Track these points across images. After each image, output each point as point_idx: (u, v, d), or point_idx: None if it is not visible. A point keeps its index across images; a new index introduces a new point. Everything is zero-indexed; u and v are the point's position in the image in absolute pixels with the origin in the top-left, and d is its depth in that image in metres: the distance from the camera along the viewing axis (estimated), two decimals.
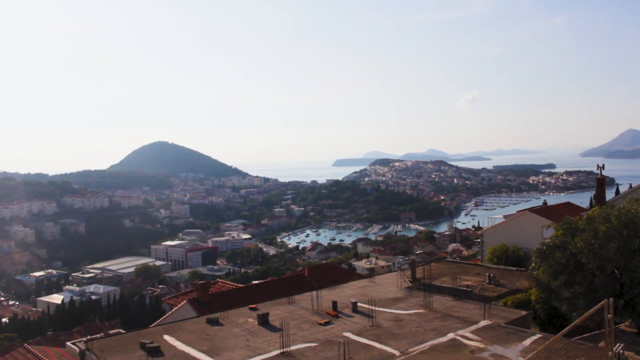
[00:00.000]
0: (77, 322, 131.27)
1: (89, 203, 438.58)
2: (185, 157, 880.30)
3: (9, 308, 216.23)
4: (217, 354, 19.63)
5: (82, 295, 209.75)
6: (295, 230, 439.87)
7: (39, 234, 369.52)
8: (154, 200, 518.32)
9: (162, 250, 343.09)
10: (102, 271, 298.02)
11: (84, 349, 20.69)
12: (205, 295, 32.69)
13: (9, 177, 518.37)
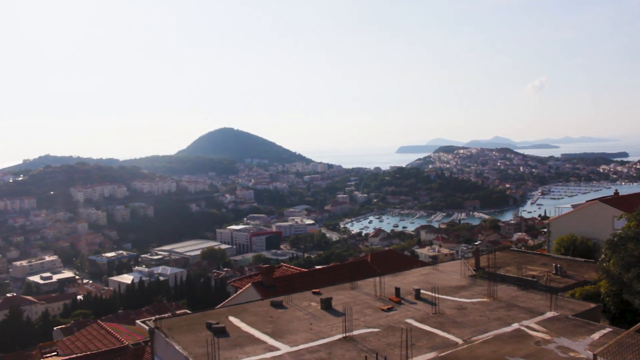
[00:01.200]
0: (145, 302, 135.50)
1: (157, 187, 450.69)
2: (250, 143, 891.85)
3: (83, 286, 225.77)
4: (280, 337, 19.98)
5: (150, 276, 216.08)
6: (358, 217, 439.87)
7: (110, 216, 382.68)
8: (220, 185, 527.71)
9: (227, 234, 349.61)
10: (169, 253, 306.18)
11: (153, 327, 21.42)
12: (269, 278, 33.23)
13: (83, 162, 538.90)
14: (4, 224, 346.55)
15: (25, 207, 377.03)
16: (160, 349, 20.77)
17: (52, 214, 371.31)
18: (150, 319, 23.48)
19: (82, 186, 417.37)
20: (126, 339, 38.56)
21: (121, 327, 49.99)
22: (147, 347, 32.28)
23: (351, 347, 18.68)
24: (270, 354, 18.32)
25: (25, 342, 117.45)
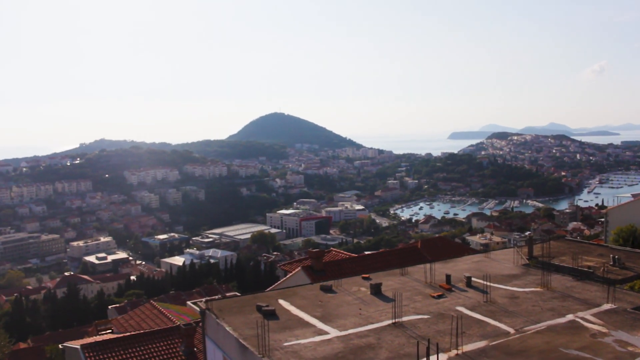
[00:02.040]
0: (196, 283, 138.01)
1: (208, 171, 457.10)
2: (301, 128, 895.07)
3: (136, 267, 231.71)
4: (329, 321, 20.00)
5: (201, 259, 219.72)
6: (408, 203, 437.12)
7: (163, 199, 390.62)
8: (270, 170, 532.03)
9: (277, 219, 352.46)
10: (220, 236, 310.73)
11: (204, 309, 21.72)
12: (319, 263, 33.30)
13: (137, 145, 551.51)
14: (61, 206, 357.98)
15: (82, 189, 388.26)
16: (211, 329, 21.07)
17: (107, 196, 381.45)
18: (201, 300, 23.81)
19: (136, 169, 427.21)
20: (177, 319, 39.34)
21: (172, 307, 51.07)
22: (198, 327, 32.85)
23: (400, 333, 18.56)
24: (319, 337, 18.36)
25: (82, 319, 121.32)
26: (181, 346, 32.19)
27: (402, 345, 17.49)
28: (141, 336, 33.29)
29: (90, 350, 31.22)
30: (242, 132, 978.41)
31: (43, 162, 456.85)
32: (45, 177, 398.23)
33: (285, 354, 16.92)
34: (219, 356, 20.28)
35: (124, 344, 32.09)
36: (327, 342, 17.99)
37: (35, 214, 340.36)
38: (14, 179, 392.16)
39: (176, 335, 33.16)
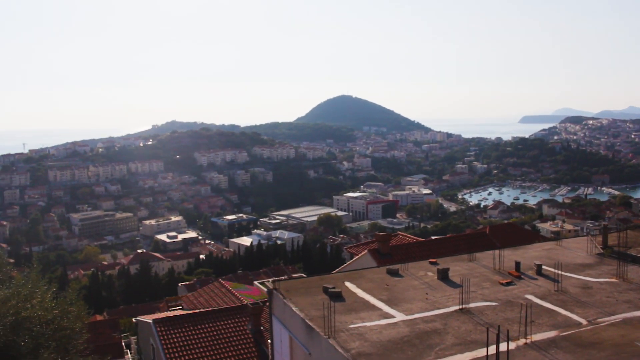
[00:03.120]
0: (263, 264, 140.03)
1: (276, 153, 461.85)
2: (368, 111, 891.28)
3: (205, 246, 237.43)
4: (395, 304, 19.91)
5: (268, 239, 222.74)
6: (477, 188, 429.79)
7: (232, 180, 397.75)
8: (337, 153, 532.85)
9: (343, 201, 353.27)
10: (287, 218, 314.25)
11: (271, 288, 22.01)
12: (385, 246, 33.21)
13: (207, 127, 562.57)
14: (134, 185, 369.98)
15: (154, 169, 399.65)
16: (278, 309, 21.35)
17: (178, 177, 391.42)
18: (268, 280, 24.09)
19: (206, 151, 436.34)
20: (245, 298, 40.09)
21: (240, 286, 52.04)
22: (265, 307, 33.38)
23: (467, 320, 18.30)
24: (385, 320, 18.32)
25: (153, 295, 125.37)
26: (248, 325, 32.82)
27: (469, 332, 17.26)
28: (210, 313, 34.14)
29: (161, 325, 32.26)
30: (310, 114, 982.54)
31: (118, 143, 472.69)
32: (120, 158, 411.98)
33: (351, 336, 16.99)
34: (285, 336, 20.55)
35: (193, 320, 33.00)
36: (392, 325, 17.94)
37: (110, 193, 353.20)
38: (91, 159, 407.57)
39: (244, 313, 33.82)
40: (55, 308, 15.62)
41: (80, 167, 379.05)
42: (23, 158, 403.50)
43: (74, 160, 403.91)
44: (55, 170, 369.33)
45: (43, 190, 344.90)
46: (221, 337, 32.00)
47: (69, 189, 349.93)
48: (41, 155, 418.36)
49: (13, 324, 13.89)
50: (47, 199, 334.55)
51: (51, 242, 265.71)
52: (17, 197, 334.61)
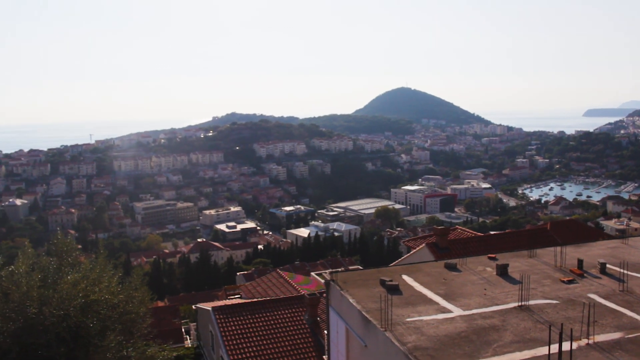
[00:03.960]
0: (320, 255, 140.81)
1: (334, 145, 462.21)
2: (427, 104, 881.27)
3: (263, 237, 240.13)
4: (453, 299, 19.72)
5: (325, 231, 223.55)
6: (538, 183, 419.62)
7: (290, 172, 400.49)
8: (396, 145, 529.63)
9: (401, 194, 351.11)
10: (344, 210, 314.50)
11: (329, 280, 22.12)
12: (444, 240, 32.89)
13: (266, 119, 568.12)
14: (195, 176, 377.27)
15: (214, 160, 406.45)
16: (335, 300, 21.45)
17: (237, 167, 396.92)
18: (325, 271, 24.19)
19: (265, 142, 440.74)
20: (302, 288, 40.44)
21: (297, 277, 52.50)
22: (322, 298, 33.62)
23: (527, 317, 17.97)
24: (442, 315, 18.18)
25: (212, 283, 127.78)
26: (305, 315, 33.12)
27: (528, 330, 16.96)
28: (268, 303, 34.62)
29: (220, 313, 32.93)
30: (368, 106, 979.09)
31: (179, 135, 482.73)
32: (181, 149, 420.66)
33: (407, 330, 16.93)
34: (342, 327, 20.63)
35: (251, 309, 33.55)
36: (450, 320, 17.79)
37: (172, 183, 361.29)
38: (154, 150, 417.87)
39: (301, 304, 34.14)
40: (121, 293, 16.22)
41: (143, 158, 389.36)
42: (90, 148, 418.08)
43: (138, 150, 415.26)
44: (120, 160, 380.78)
45: (108, 179, 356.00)
46: (278, 327, 32.43)
47: (132, 178, 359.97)
48: (107, 146, 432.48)
49: (82, 306, 14.52)
50: (112, 188, 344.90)
51: (115, 230, 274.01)
52: (84, 186, 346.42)
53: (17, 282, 14.54)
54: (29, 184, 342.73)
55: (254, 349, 30.82)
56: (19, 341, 13.72)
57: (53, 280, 15.63)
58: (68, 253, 16.91)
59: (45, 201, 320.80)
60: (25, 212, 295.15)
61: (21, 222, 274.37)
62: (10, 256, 17.09)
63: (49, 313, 14.05)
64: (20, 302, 14.11)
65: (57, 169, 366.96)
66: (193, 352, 41.40)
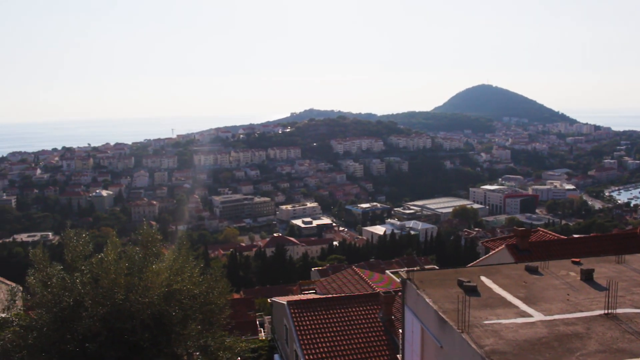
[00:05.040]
0: (395, 253, 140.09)
1: (412, 143, 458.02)
2: (509, 101, 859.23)
3: (339, 233, 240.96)
4: (533, 303, 19.15)
5: (401, 229, 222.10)
6: (627, 185, 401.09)
7: (367, 169, 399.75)
8: (475, 144, 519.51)
9: (480, 194, 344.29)
10: (421, 208, 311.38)
11: (405, 278, 21.94)
12: (524, 242, 31.99)
13: (343, 116, 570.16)
14: (273, 171, 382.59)
15: (292, 156, 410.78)
16: (411, 300, 21.27)
17: (315, 164, 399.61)
18: (400, 270, 24.04)
19: (342, 139, 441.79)
20: (377, 286, 40.33)
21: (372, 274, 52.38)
22: (397, 296, 33.41)
23: (614, 326, 17.20)
24: (522, 319, 17.69)
25: (287, 278, 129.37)
26: (379, 313, 33.01)
27: (615, 339, 16.23)
28: (342, 299, 34.72)
29: (295, 307, 33.27)
30: (448, 104, 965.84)
31: (258, 130, 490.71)
32: (259, 144, 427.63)
33: (485, 332, 16.58)
34: (417, 327, 20.44)
35: (326, 305, 33.72)
36: (530, 325, 17.29)
37: (249, 178, 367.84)
38: (233, 145, 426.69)
39: (375, 301, 34.05)
40: (202, 283, 16.69)
41: (222, 152, 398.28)
42: (172, 143, 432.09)
43: (217, 145, 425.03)
44: (200, 154, 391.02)
45: (188, 173, 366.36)
46: (352, 323, 32.46)
47: (211, 172, 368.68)
48: (187, 140, 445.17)
49: (166, 295, 15.05)
50: (192, 182, 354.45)
51: (194, 222, 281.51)
52: (165, 179, 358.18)
53: (106, 269, 15.22)
54: (115, 176, 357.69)
55: (328, 344, 30.97)
56: (107, 325, 14.36)
57: (138, 269, 16.28)
58: (153, 243, 17.56)
59: (129, 193, 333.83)
60: (111, 202, 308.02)
61: (106, 213, 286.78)
62: (97, 245, 17.89)
63: (135, 300, 14.64)
64: (108, 289, 14.78)
65: (140, 162, 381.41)
66: (267, 345, 42.03)
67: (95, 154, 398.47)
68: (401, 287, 22.66)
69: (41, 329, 14.80)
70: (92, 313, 14.47)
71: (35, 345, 14.55)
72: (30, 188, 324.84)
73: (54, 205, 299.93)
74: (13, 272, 65.62)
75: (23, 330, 15.14)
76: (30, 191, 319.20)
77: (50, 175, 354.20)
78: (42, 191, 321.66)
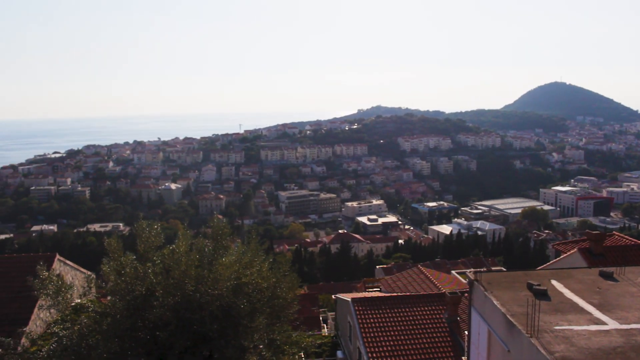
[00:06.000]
0: (462, 254, 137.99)
1: (481, 141, 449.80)
2: (583, 99, 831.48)
3: (404, 231, 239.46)
4: (608, 310, 18.48)
5: (468, 229, 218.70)
6: None
7: (434, 167, 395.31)
8: (547, 143, 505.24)
9: (551, 195, 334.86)
10: (489, 209, 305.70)
11: (472, 279, 21.59)
12: (598, 246, 30.93)
13: (411, 113, 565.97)
14: (339, 168, 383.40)
15: (358, 153, 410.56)
16: (478, 301, 20.92)
17: (381, 161, 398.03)
18: (466, 270, 23.68)
19: (409, 136, 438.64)
20: (443, 286, 39.85)
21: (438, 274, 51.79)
22: (464, 297, 32.93)
23: None
24: (595, 326, 17.10)
25: (351, 275, 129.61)
26: (445, 313, 32.63)
27: None
28: (407, 298, 34.49)
29: (359, 304, 33.27)
30: (518, 102, 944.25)
31: (324, 126, 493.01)
32: (326, 140, 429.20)
33: (555, 338, 16.12)
34: (484, 329, 20.10)
35: (390, 303, 33.58)
36: (604, 332, 16.69)
37: (315, 174, 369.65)
38: (299, 141, 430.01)
39: (441, 302, 33.67)
40: (271, 277, 16.94)
41: (289, 148, 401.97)
42: (239, 138, 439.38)
43: (284, 141, 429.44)
44: (267, 150, 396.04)
45: (255, 168, 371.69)
46: (417, 323, 32.21)
47: (278, 168, 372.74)
48: (255, 135, 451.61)
49: (234, 287, 15.35)
50: (259, 177, 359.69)
51: (260, 217, 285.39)
52: (232, 174, 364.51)
53: (177, 260, 15.64)
54: (183, 170, 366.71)
55: (391, 343, 30.85)
56: (177, 315, 14.77)
57: (208, 261, 16.66)
58: (223, 236, 17.94)
59: (196, 186, 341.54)
60: (179, 196, 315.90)
61: (175, 205, 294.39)
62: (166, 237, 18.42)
63: (204, 291, 14.98)
64: (179, 279, 15.17)
65: (208, 156, 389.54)
66: (330, 341, 42.19)
67: (165, 148, 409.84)
68: (468, 288, 22.33)
69: (115, 316, 15.34)
70: (163, 302, 14.90)
71: (109, 330, 15.10)
72: (103, 180, 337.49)
73: (125, 197, 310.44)
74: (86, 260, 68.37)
75: (98, 316, 15.74)
76: (103, 183, 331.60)
77: (122, 168, 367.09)
78: (114, 183, 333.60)
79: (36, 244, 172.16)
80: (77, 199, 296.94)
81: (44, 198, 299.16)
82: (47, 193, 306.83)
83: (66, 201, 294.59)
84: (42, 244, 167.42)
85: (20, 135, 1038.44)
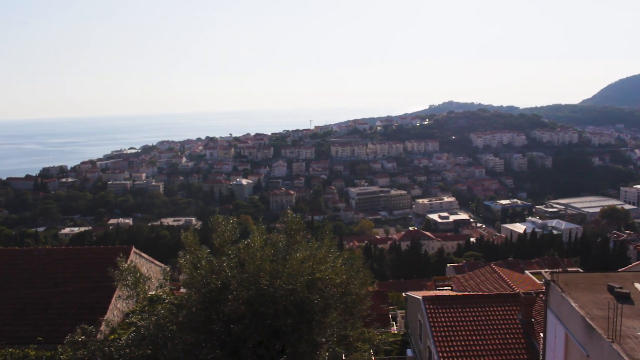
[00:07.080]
0: (535, 253, 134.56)
1: (557, 138, 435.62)
2: None
3: (476, 229, 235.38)
4: None
5: (543, 228, 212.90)
6: None
7: (507, 164, 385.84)
8: (629, 139, 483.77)
9: (632, 194, 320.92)
10: (565, 207, 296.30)
11: (549, 280, 21.05)
12: None
13: (484, 108, 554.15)
14: (409, 164, 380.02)
15: (429, 149, 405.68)
16: (555, 303, 20.38)
17: (453, 157, 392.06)
18: (541, 271, 23.11)
19: (482, 132, 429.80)
20: (517, 286, 38.96)
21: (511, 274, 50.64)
22: (538, 298, 32.12)
23: None
24: None
25: (421, 272, 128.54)
26: (518, 314, 31.93)
27: None
28: (480, 297, 33.95)
29: (430, 303, 33.00)
30: (598, 96, 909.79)
31: (395, 122, 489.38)
32: (397, 136, 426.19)
33: (639, 345, 15.49)
34: (561, 332, 19.57)
35: (462, 302, 33.15)
36: None
37: (386, 170, 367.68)
38: (370, 137, 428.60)
39: (515, 302, 32.97)
40: (344, 273, 17.02)
41: (359, 144, 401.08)
42: (309, 134, 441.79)
43: (354, 137, 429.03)
44: (337, 146, 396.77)
45: (325, 164, 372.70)
46: (489, 323, 31.69)
47: (348, 164, 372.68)
48: (325, 131, 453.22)
49: (308, 283, 15.50)
50: (329, 173, 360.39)
51: (330, 213, 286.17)
52: (303, 170, 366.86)
53: (252, 255, 15.93)
54: (254, 166, 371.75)
55: (463, 342, 30.48)
56: (251, 309, 15.05)
57: (282, 257, 16.90)
58: (296, 232, 18.13)
59: (267, 182, 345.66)
60: (250, 191, 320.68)
61: (246, 201, 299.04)
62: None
63: (279, 286, 15.21)
64: (254, 274, 15.45)
65: (279, 152, 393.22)
66: (400, 339, 42.04)
67: (236, 144, 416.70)
68: (544, 289, 21.80)
69: (190, 308, 15.75)
70: (238, 296, 15.19)
71: (184, 322, 15.54)
72: (177, 175, 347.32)
73: (197, 192, 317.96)
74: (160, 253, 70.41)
75: (175, 308, 16.20)
76: (176, 178, 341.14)
77: (195, 164, 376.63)
78: (187, 178, 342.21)
79: (113, 236, 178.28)
80: (151, 194, 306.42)
81: (120, 192, 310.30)
82: (123, 187, 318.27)
83: (141, 195, 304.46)
84: (119, 237, 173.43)
85: (98, 131, 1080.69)
